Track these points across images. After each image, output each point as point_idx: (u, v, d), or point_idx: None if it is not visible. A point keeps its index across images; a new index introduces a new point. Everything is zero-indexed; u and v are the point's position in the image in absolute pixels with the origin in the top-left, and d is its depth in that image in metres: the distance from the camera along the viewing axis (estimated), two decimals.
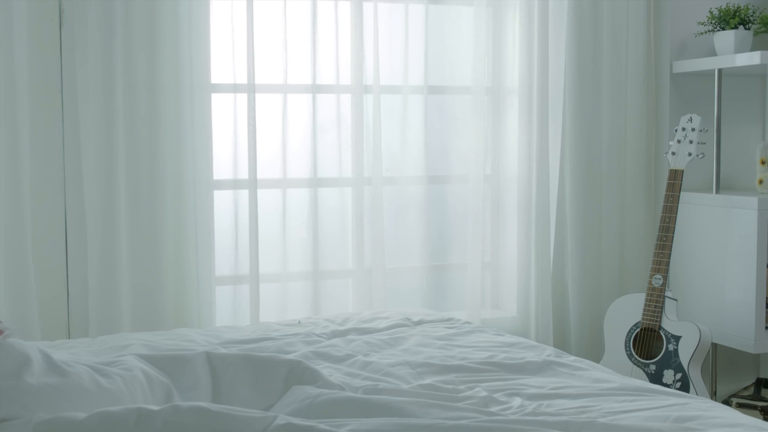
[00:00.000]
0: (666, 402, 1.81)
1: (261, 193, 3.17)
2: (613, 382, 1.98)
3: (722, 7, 3.45)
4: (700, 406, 1.77)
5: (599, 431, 1.53)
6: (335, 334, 2.51)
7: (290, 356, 1.95)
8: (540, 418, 1.61)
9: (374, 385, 1.84)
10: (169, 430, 1.37)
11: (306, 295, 3.28)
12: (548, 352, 2.27)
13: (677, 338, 3.11)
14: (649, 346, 3.20)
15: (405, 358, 2.19)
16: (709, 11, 3.48)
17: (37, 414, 1.39)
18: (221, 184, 3.18)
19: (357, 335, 2.49)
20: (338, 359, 2.18)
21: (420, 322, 2.67)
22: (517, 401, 1.82)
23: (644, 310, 3.19)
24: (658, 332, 3.16)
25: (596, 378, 2.03)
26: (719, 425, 1.61)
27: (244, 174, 3.15)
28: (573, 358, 2.21)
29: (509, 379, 2.03)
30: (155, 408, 1.42)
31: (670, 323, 3.14)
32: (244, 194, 3.16)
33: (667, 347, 3.13)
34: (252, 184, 3.13)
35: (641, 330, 3.19)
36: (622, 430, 1.54)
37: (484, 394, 1.86)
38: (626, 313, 3.25)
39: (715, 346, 3.47)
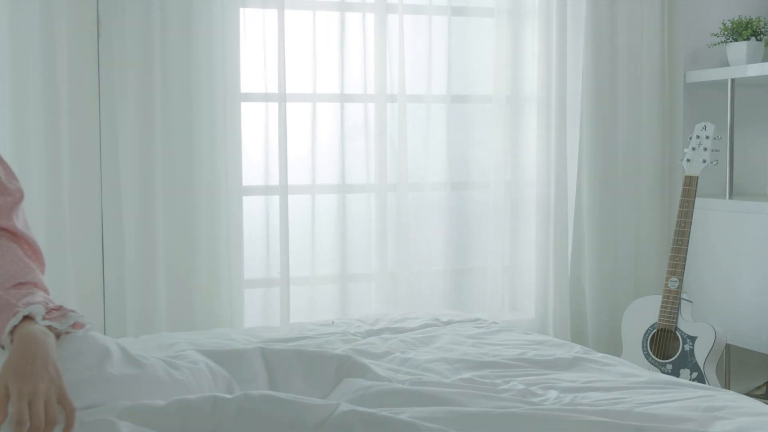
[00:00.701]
0: (694, 394, 1.92)
1: (290, 199, 3.29)
2: (641, 376, 2.10)
3: (735, 19, 3.57)
4: (726, 397, 1.88)
5: (637, 418, 1.64)
6: (370, 333, 2.61)
7: (338, 351, 2.06)
8: (579, 407, 1.72)
9: (418, 378, 1.95)
10: (242, 416, 1.48)
11: (333, 298, 3.39)
12: (576, 350, 2.37)
13: (693, 339, 3.22)
14: (665, 346, 3.31)
15: (440, 355, 2.30)
16: (722, 23, 3.60)
17: (119, 401, 1.50)
18: (252, 190, 3.29)
19: (391, 334, 2.59)
20: (377, 356, 2.28)
21: (449, 322, 2.78)
22: (553, 394, 1.93)
23: (661, 311, 3.30)
24: (675, 333, 3.26)
25: (625, 373, 2.14)
26: (747, 414, 1.73)
27: (275, 180, 3.26)
28: (600, 354, 2.32)
29: (542, 374, 2.13)
30: (229, 396, 1.53)
31: (685, 324, 3.25)
32: (275, 200, 3.27)
33: (683, 347, 3.24)
34: (283, 189, 3.24)
35: (658, 331, 3.30)
36: (658, 418, 1.65)
37: (522, 387, 1.97)
38: (643, 314, 3.36)
39: (728, 346, 3.58)
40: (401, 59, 3.37)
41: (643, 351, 3.32)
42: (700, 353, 3.20)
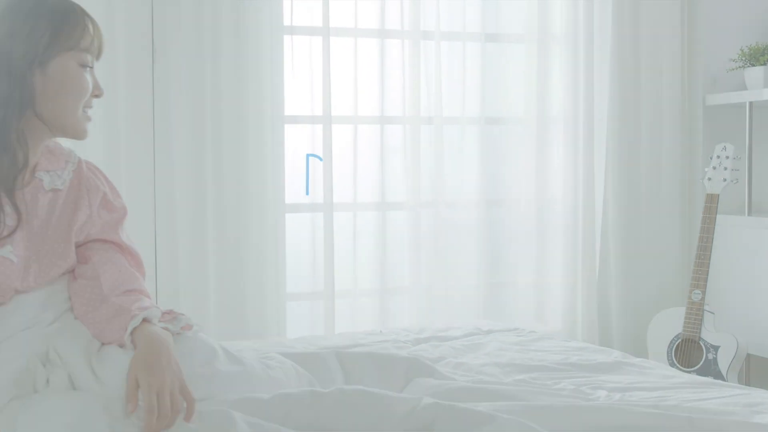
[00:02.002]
0: (731, 392, 2.09)
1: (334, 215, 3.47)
2: (680, 377, 2.27)
3: (752, 45, 3.76)
4: (761, 395, 2.05)
5: (686, 411, 1.81)
6: (418, 341, 2.78)
7: (404, 354, 2.24)
8: (633, 402, 1.90)
9: (479, 379, 2.13)
10: (338, 408, 1.66)
11: (373, 310, 3.57)
12: (615, 355, 2.55)
13: (716, 348, 3.40)
14: (689, 355, 3.48)
15: (490, 359, 2.46)
16: (740, 49, 3.79)
17: (227, 395, 1.68)
18: (298, 208, 3.47)
19: (438, 342, 2.75)
20: (432, 360, 2.42)
21: (490, 331, 2.94)
22: (602, 393, 2.10)
23: (685, 322, 3.47)
24: (698, 343, 3.44)
25: (664, 375, 2.31)
26: None
27: (320, 198, 3.45)
28: (639, 359, 2.49)
29: (588, 376, 2.30)
30: (325, 390, 1.71)
31: (708, 334, 3.43)
32: (320, 217, 3.45)
33: (706, 356, 3.41)
34: (328, 207, 3.42)
35: (682, 341, 3.48)
36: (705, 411, 1.82)
37: (572, 387, 2.14)
38: (668, 325, 3.54)
39: (749, 355, 3.74)
40: (438, 83, 3.56)
41: (668, 360, 3.49)
42: (723, 362, 3.37)
